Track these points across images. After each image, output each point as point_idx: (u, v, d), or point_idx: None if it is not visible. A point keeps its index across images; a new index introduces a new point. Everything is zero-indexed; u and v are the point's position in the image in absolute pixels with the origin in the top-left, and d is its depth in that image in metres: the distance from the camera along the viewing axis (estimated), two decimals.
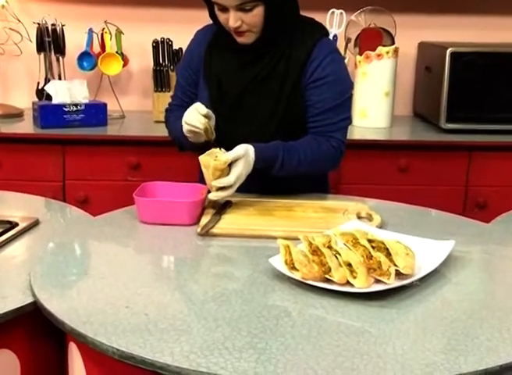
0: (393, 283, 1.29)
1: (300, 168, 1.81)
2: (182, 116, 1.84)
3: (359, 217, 1.73)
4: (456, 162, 2.84)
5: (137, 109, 3.23)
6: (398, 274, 1.32)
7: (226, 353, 1.07)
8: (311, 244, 1.38)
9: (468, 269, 1.45)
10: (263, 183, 1.86)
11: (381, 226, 1.66)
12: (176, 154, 2.09)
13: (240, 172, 1.69)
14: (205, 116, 1.78)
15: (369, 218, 1.73)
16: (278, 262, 1.37)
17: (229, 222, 1.66)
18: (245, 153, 1.70)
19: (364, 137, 2.87)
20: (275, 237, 1.55)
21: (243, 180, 1.71)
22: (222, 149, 1.72)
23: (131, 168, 2.80)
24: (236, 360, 1.05)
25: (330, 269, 1.31)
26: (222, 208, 1.74)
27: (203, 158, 1.70)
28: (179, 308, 1.23)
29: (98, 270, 1.40)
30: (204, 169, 1.71)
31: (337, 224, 1.61)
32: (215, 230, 1.60)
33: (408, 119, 3.24)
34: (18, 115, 3.03)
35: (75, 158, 2.79)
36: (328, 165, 1.90)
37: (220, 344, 1.10)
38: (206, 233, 1.60)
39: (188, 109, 1.80)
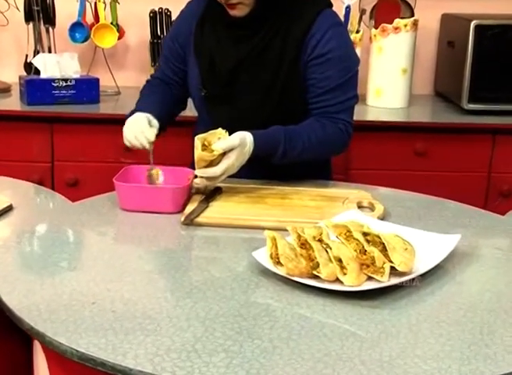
0: (387, 281, 1.26)
1: (304, 154, 1.78)
2: (158, 91, 1.87)
3: (360, 207, 1.70)
4: (479, 146, 2.79)
5: (134, 85, 3.17)
6: (394, 271, 1.28)
7: (195, 356, 1.05)
8: (300, 236, 1.35)
9: (475, 266, 1.41)
10: (258, 168, 1.83)
11: (383, 217, 1.63)
12: (173, 135, 2.06)
13: (230, 164, 1.66)
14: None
15: (371, 208, 1.70)
16: (262, 256, 1.34)
17: (217, 210, 1.63)
18: (240, 143, 1.66)
19: (378, 118, 2.83)
20: (265, 228, 1.52)
21: (233, 171, 1.69)
22: (226, 133, 1.69)
23: (124, 149, 2.76)
24: (204, 365, 1.03)
25: (319, 265, 1.28)
26: (210, 195, 1.71)
27: (198, 139, 1.67)
28: (150, 306, 1.20)
29: (69, 262, 1.38)
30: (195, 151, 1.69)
31: (334, 214, 1.58)
32: (200, 219, 1.58)
33: (428, 99, 3.19)
34: (5, 90, 3.02)
35: (64, 137, 2.77)
36: (335, 149, 1.87)
37: (190, 346, 1.08)
38: (190, 223, 1.57)
39: (132, 124, 1.78)
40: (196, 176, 1.68)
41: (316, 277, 1.28)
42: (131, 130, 1.77)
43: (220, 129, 1.68)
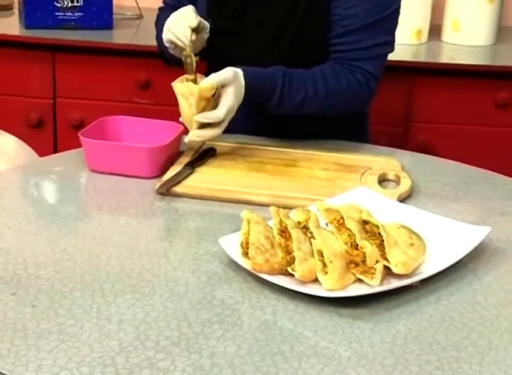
0: (377, 286, 1.20)
1: (306, 106, 1.72)
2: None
3: (384, 180, 1.63)
4: None
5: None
6: (391, 272, 1.22)
7: (111, 372, 1.02)
8: (282, 221, 1.30)
9: (503, 270, 1.33)
10: (267, 123, 1.78)
11: (406, 197, 1.56)
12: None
13: (231, 103, 1.61)
14: (195, 31, 1.70)
15: (398, 181, 1.62)
16: (231, 244, 1.30)
17: (202, 178, 1.59)
18: (235, 77, 1.61)
19: (453, 58, 2.74)
20: (255, 203, 1.48)
21: (233, 114, 1.63)
22: (199, 74, 1.64)
23: (139, 87, 2.76)
24: None
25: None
26: (200, 157, 1.67)
27: (178, 85, 1.63)
28: (82, 301, 1.18)
29: (2, 237, 1.37)
30: (180, 99, 1.64)
31: (345, 189, 1.52)
32: (177, 189, 1.54)
33: None
34: (6, 7, 3.01)
35: (68, 70, 2.77)
36: (349, 105, 1.80)
37: (109, 358, 1.05)
38: (166, 192, 1.54)
39: (176, 13, 1.73)
40: (187, 132, 1.63)
41: (292, 275, 1.23)
42: (171, 21, 1.72)
43: (192, 74, 1.62)
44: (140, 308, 1.17)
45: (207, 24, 1.76)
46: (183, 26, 1.70)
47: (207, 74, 1.66)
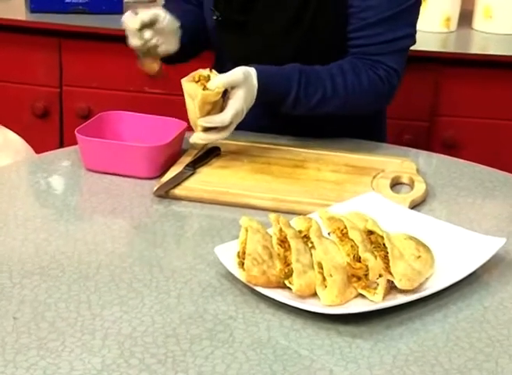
0: (379, 302, 1.19)
1: (324, 106, 1.71)
2: (178, 8, 1.81)
3: (397, 183, 1.62)
4: None
5: None
6: (396, 287, 1.21)
7: None
8: (281, 230, 1.29)
9: None
10: (281, 120, 1.79)
11: (420, 202, 1.54)
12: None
13: (239, 106, 1.60)
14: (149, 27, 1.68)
15: (412, 185, 1.61)
16: (227, 253, 1.29)
17: (203, 179, 1.59)
18: (245, 78, 1.60)
19: (484, 49, 2.73)
20: (258, 208, 1.48)
21: (241, 118, 1.62)
22: (214, 71, 1.63)
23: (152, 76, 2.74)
24: None
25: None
26: (202, 157, 1.66)
27: (188, 85, 1.62)
28: (66, 313, 1.18)
29: None
30: (187, 98, 1.63)
31: (355, 194, 1.51)
32: (177, 191, 1.54)
33: None
34: None
35: (76, 57, 2.78)
36: (370, 104, 1.79)
37: None
38: (165, 194, 1.53)
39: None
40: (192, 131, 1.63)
41: (289, 288, 1.23)
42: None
43: (207, 69, 1.61)
44: (127, 323, 1.17)
45: (175, 23, 1.74)
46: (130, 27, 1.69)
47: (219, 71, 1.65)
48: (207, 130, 1.60)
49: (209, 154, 1.67)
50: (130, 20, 1.67)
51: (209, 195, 1.53)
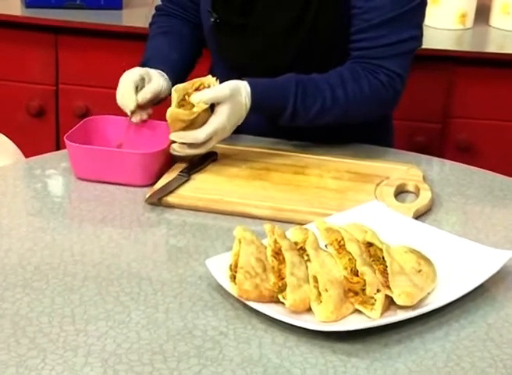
0: (377, 318, 1.19)
1: (324, 117, 1.70)
2: (166, 28, 1.89)
3: (402, 191, 1.61)
4: None
5: None
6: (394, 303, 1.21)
7: None
8: (276, 242, 1.29)
9: None
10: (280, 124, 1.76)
11: (425, 212, 1.54)
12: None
13: (220, 124, 1.60)
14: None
15: (416, 194, 1.60)
16: (220, 265, 1.29)
17: (198, 186, 1.59)
18: (232, 94, 1.60)
19: (502, 47, 2.72)
20: (254, 217, 1.48)
21: (225, 135, 1.63)
22: (217, 81, 1.63)
23: None
24: None
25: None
26: (198, 162, 1.66)
27: (174, 93, 1.62)
28: (48, 328, 1.19)
29: None
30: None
31: (357, 203, 1.51)
32: (170, 199, 1.54)
33: None
34: None
35: (72, 54, 2.78)
36: (373, 111, 1.78)
37: None
38: (158, 202, 1.53)
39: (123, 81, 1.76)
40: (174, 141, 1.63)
41: (283, 303, 1.23)
42: (119, 89, 1.75)
43: (209, 76, 1.61)
44: (112, 339, 1.17)
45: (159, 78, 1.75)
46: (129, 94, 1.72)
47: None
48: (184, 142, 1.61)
49: (205, 159, 1.67)
50: (126, 97, 1.72)
51: (203, 203, 1.53)
